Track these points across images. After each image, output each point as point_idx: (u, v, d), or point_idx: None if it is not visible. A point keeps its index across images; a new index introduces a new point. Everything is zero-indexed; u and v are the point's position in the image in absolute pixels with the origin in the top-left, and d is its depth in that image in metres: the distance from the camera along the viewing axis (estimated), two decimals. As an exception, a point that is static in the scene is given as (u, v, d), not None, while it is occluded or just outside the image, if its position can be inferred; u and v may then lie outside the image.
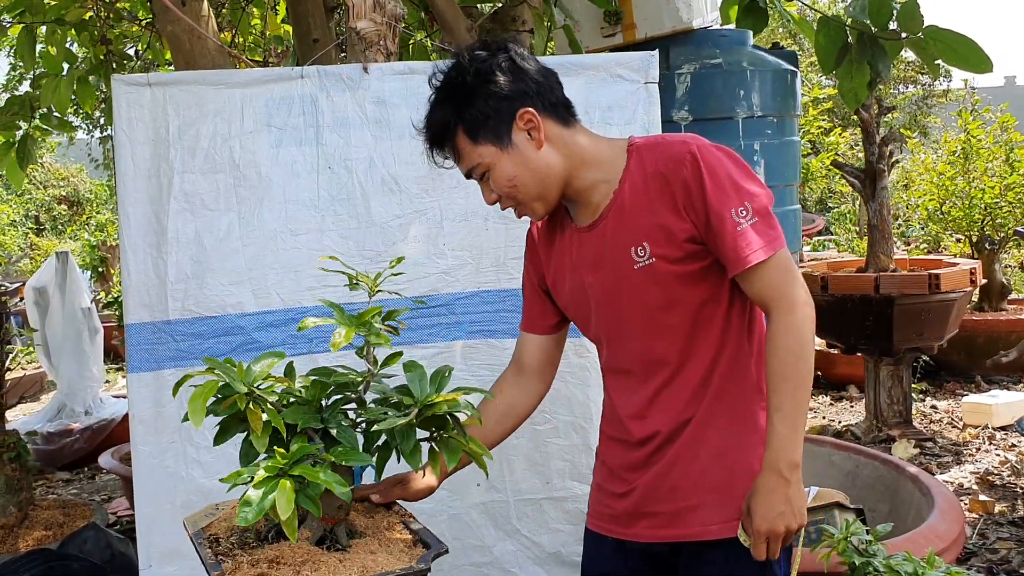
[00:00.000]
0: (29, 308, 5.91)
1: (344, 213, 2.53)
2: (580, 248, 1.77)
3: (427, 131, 1.73)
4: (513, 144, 1.66)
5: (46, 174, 15.96)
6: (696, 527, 1.73)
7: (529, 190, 1.69)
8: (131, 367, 2.47)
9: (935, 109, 16.05)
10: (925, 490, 3.09)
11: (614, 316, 1.75)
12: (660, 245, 1.66)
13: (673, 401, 1.73)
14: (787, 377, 1.60)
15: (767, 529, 1.59)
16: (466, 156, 1.69)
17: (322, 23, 3.79)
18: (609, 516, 1.85)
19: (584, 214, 1.76)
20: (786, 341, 1.61)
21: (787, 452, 1.59)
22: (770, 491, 1.59)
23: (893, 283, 4.89)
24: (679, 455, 1.73)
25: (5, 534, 3.43)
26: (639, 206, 1.67)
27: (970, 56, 2.87)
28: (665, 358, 1.72)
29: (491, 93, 1.64)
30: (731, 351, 1.72)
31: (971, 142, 7.30)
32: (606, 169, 1.72)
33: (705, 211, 1.61)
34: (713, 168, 1.62)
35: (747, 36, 4.22)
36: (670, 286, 1.68)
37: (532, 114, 1.66)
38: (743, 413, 1.74)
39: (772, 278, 1.62)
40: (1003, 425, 5.32)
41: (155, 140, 2.46)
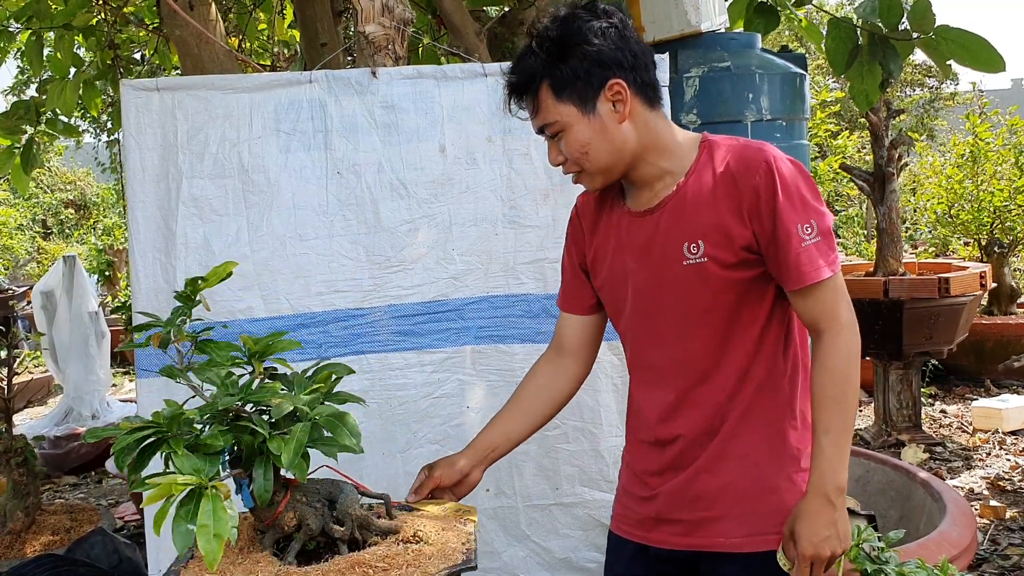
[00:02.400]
0: (36, 312, 5.93)
1: (353, 218, 2.52)
2: (630, 232, 1.73)
3: (512, 76, 1.69)
4: (596, 111, 1.63)
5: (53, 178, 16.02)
6: (717, 538, 1.71)
7: (599, 161, 1.66)
8: (140, 372, 2.47)
9: (942, 112, 16.01)
10: (936, 495, 3.07)
11: (651, 308, 1.72)
12: (715, 246, 1.63)
13: (700, 406, 1.71)
14: (836, 399, 1.60)
15: (812, 554, 1.58)
16: (545, 111, 1.65)
17: (330, 27, 3.79)
18: (632, 520, 1.83)
19: (641, 199, 1.73)
20: (836, 362, 1.60)
21: (835, 475, 1.58)
22: (816, 515, 1.58)
23: (902, 287, 4.86)
24: (705, 464, 1.71)
25: (12, 539, 3.42)
26: (702, 203, 1.65)
27: (982, 55, 2.85)
28: (697, 361, 1.70)
29: (587, 54, 1.60)
30: (765, 365, 1.69)
31: (979, 145, 7.27)
32: (675, 160, 1.69)
33: (772, 223, 1.59)
34: (786, 181, 1.60)
35: (755, 39, 4.20)
36: (715, 289, 1.65)
37: (622, 86, 1.62)
38: (774, 429, 1.71)
39: (827, 298, 1.62)
40: (1014, 430, 5.30)
41: (164, 145, 2.46)
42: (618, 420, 2.58)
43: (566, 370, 1.91)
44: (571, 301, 1.91)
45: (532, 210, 2.56)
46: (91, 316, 5.82)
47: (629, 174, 1.71)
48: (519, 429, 1.88)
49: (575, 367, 1.91)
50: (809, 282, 1.59)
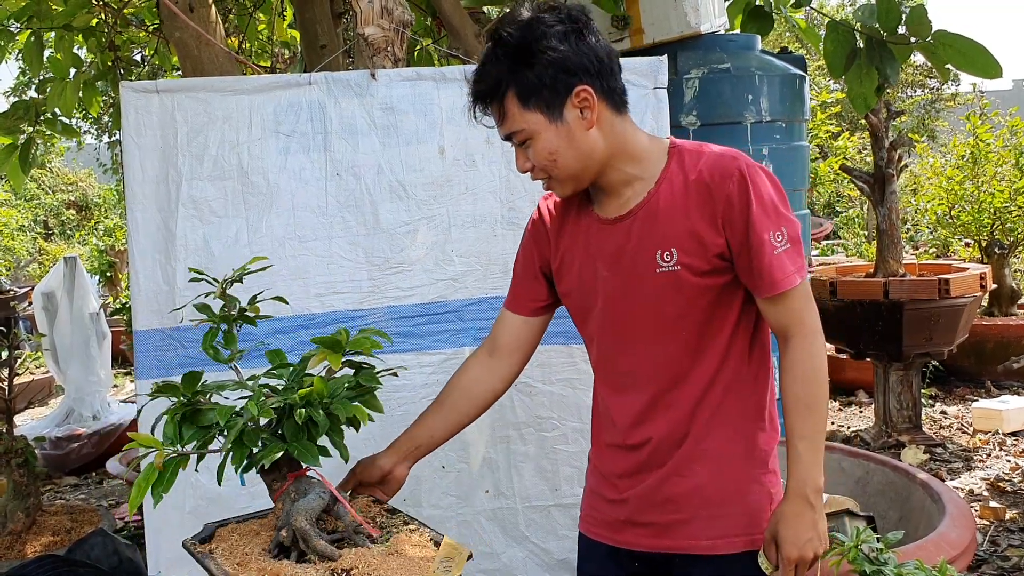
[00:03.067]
0: (37, 313, 5.93)
1: (352, 220, 2.53)
2: (600, 239, 1.73)
3: (476, 85, 1.66)
4: (563, 119, 1.61)
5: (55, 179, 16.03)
6: (686, 540, 1.72)
7: (567, 168, 1.65)
8: (139, 373, 2.47)
9: (943, 113, 16.00)
10: (936, 496, 3.07)
11: (623, 315, 1.72)
12: (689, 254, 1.64)
13: (670, 410, 1.71)
14: (809, 404, 1.61)
15: (797, 556, 1.59)
16: (511, 119, 1.63)
17: (329, 29, 3.79)
18: (602, 522, 1.84)
19: (611, 206, 1.72)
20: (806, 368, 1.62)
21: (813, 478, 1.60)
22: (798, 517, 1.60)
23: (902, 288, 4.86)
24: (675, 468, 1.72)
25: (13, 540, 3.42)
26: (674, 211, 1.65)
27: (979, 60, 2.86)
28: (670, 366, 1.70)
29: (552, 61, 1.58)
30: (732, 370, 1.71)
31: (980, 146, 7.27)
32: (644, 166, 1.69)
33: (745, 230, 1.60)
34: (759, 189, 1.61)
35: (755, 41, 4.21)
36: (688, 296, 1.66)
37: (589, 92, 1.60)
38: (742, 432, 1.72)
39: (796, 305, 1.63)
40: (1014, 431, 5.30)
41: (163, 147, 2.47)
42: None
43: (497, 371, 1.89)
44: (520, 301, 1.89)
45: (530, 212, 2.56)
46: (92, 317, 5.83)
47: (598, 180, 1.70)
48: (444, 427, 1.87)
49: (507, 368, 1.90)
50: (781, 289, 1.61)
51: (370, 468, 1.82)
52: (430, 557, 1.55)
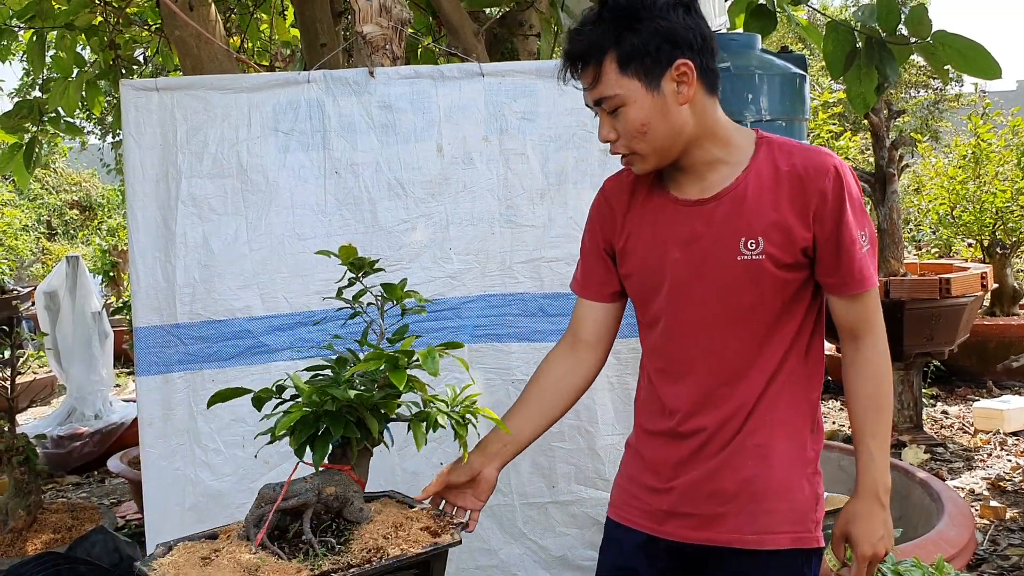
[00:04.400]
0: (40, 312, 5.94)
1: (351, 218, 2.53)
2: (675, 221, 1.69)
3: (574, 44, 1.62)
4: (660, 90, 1.57)
5: (58, 179, 16.05)
6: (730, 533, 1.69)
7: (656, 141, 1.61)
8: (140, 370, 2.48)
9: (946, 113, 15.98)
10: (935, 496, 3.08)
11: (690, 301, 1.68)
12: (774, 245, 1.61)
13: (728, 403, 1.68)
14: (880, 403, 1.64)
15: (872, 554, 1.63)
16: (606, 83, 1.59)
17: (330, 28, 3.80)
18: (641, 511, 1.79)
19: (691, 187, 1.68)
20: (877, 368, 1.65)
21: (883, 477, 1.64)
22: (871, 516, 1.63)
23: (903, 287, 4.86)
24: (726, 460, 1.69)
25: (14, 537, 3.44)
26: (764, 200, 1.62)
27: (979, 61, 2.85)
28: (732, 358, 1.67)
29: (659, 30, 1.55)
30: (791, 368, 1.69)
31: (982, 146, 7.27)
32: (731, 151, 1.66)
33: (837, 227, 1.59)
34: (851, 188, 1.61)
35: (755, 40, 4.21)
36: (763, 288, 1.63)
37: (689, 67, 1.57)
38: (794, 431, 1.70)
39: (870, 305, 1.65)
40: (1015, 430, 5.29)
41: (163, 145, 2.48)
42: (614, 419, 2.59)
43: (583, 362, 1.85)
44: (592, 287, 1.84)
45: (529, 210, 2.57)
46: (94, 316, 5.84)
47: (680, 160, 1.66)
48: (532, 426, 1.83)
49: (592, 358, 1.85)
50: (867, 288, 1.63)
51: (459, 470, 1.77)
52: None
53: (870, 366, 1.64)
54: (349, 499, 1.64)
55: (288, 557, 1.52)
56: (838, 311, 1.67)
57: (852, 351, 1.66)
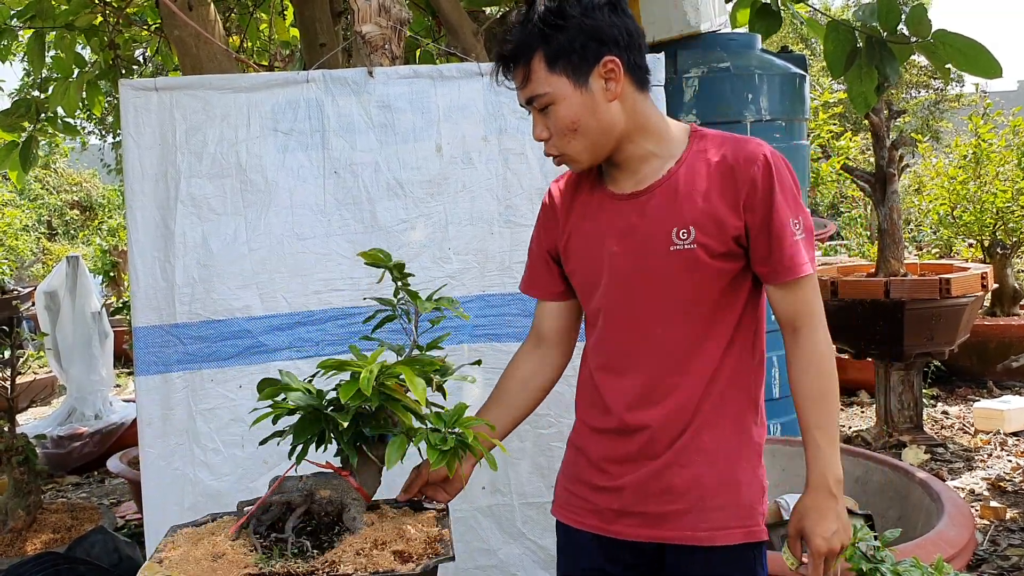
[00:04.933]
0: (40, 312, 5.94)
1: (350, 217, 2.53)
2: (611, 215, 1.72)
3: (504, 45, 1.65)
4: (588, 86, 1.60)
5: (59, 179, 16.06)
6: (683, 531, 1.70)
7: (587, 137, 1.64)
8: (139, 370, 2.48)
9: (947, 114, 15.98)
10: (935, 496, 3.07)
11: (630, 293, 1.70)
12: (706, 234, 1.63)
13: (672, 396, 1.70)
14: (824, 394, 1.62)
15: (827, 549, 1.59)
16: (536, 82, 1.62)
17: (329, 28, 3.80)
18: (589, 510, 1.80)
19: (626, 182, 1.71)
20: (818, 358, 1.63)
21: (833, 469, 1.61)
22: (823, 510, 1.60)
23: (904, 288, 4.86)
24: (674, 458, 1.70)
25: (13, 537, 3.44)
26: (695, 190, 1.64)
27: (980, 60, 2.86)
28: (673, 349, 1.69)
29: (586, 28, 1.58)
30: (735, 359, 1.70)
31: (982, 146, 7.26)
32: (663, 144, 1.69)
33: (768, 215, 1.60)
34: (782, 176, 1.62)
35: (755, 40, 4.21)
36: (698, 278, 1.65)
37: (616, 64, 1.60)
38: (740, 424, 1.72)
39: (808, 295, 1.64)
40: (1015, 431, 5.29)
41: (162, 144, 2.48)
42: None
43: (547, 359, 1.89)
44: (536, 287, 1.90)
45: (528, 209, 2.57)
46: (94, 316, 5.84)
47: (614, 155, 1.69)
48: (504, 424, 1.86)
49: (556, 356, 1.89)
50: (799, 275, 1.61)
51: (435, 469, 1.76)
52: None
53: (811, 358, 1.63)
54: (346, 505, 1.63)
55: (263, 551, 1.52)
56: (774, 301, 1.67)
57: (792, 344, 1.66)
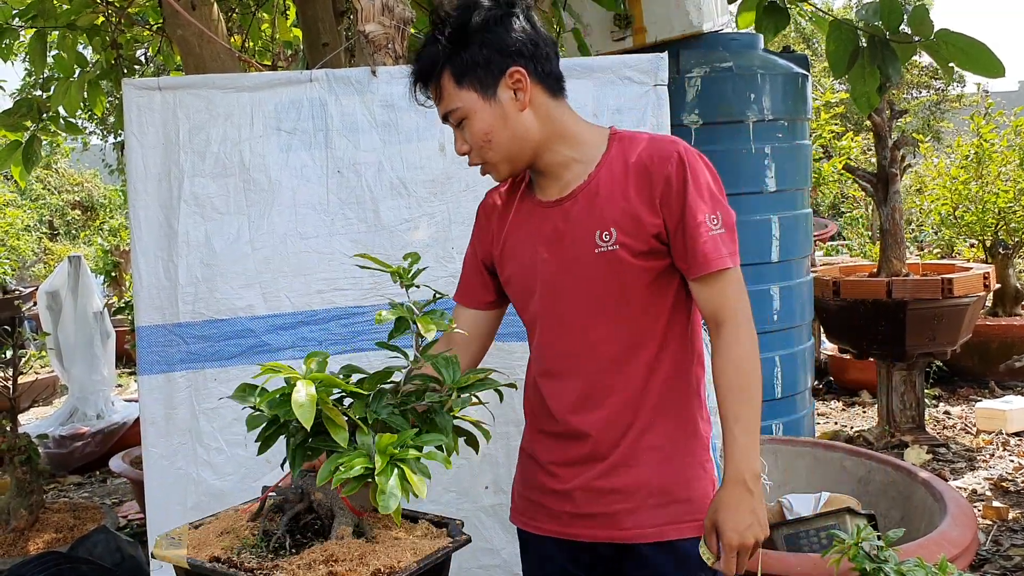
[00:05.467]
0: (42, 312, 5.95)
1: (353, 217, 2.53)
2: (540, 222, 1.75)
3: (415, 64, 1.71)
4: (497, 98, 1.65)
5: (60, 179, 16.06)
6: (633, 529, 1.72)
7: (502, 148, 1.69)
8: (142, 369, 2.48)
9: (948, 114, 15.97)
10: (937, 496, 3.06)
11: (560, 297, 1.73)
12: (627, 234, 1.66)
13: (611, 397, 1.72)
14: (744, 388, 1.62)
15: (739, 543, 1.58)
16: (447, 98, 1.68)
17: (332, 27, 3.80)
18: (545, 515, 1.82)
19: (551, 189, 1.75)
20: (739, 352, 1.63)
21: (750, 463, 1.60)
22: (737, 504, 1.58)
23: (905, 288, 4.86)
24: (620, 459, 1.72)
25: (16, 537, 3.44)
26: (614, 193, 1.68)
27: (982, 59, 2.86)
28: (606, 350, 1.71)
29: (488, 42, 1.64)
30: (673, 356, 1.72)
31: (984, 146, 7.26)
32: (583, 150, 1.72)
33: (681, 210, 1.63)
34: (696, 172, 1.64)
35: (757, 40, 4.21)
36: (625, 277, 1.68)
37: (522, 74, 1.65)
38: (684, 419, 1.74)
39: (729, 288, 1.65)
40: (1017, 431, 5.29)
41: (165, 144, 2.47)
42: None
43: None
44: (468, 295, 1.93)
45: (531, 209, 2.56)
46: (96, 316, 5.84)
47: (536, 163, 1.73)
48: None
49: (464, 359, 1.89)
50: (713, 268, 1.63)
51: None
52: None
53: (731, 352, 1.63)
54: (335, 512, 1.64)
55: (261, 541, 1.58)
56: (696, 297, 1.69)
57: (716, 339, 1.67)
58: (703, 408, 1.76)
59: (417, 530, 1.69)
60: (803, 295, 4.29)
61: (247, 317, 2.51)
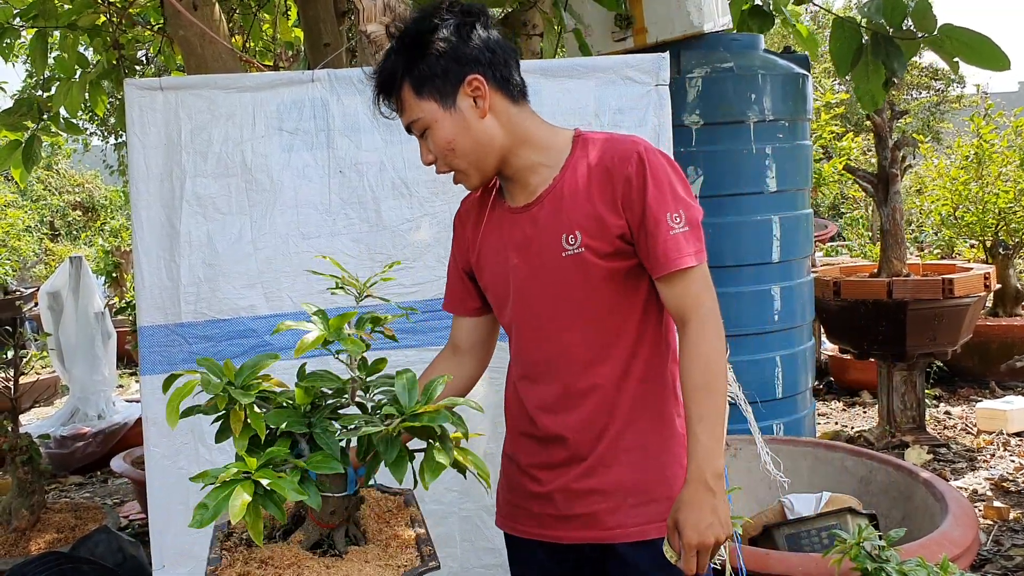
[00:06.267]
0: (43, 313, 5.95)
1: (355, 216, 2.53)
2: (511, 228, 1.76)
3: (376, 78, 1.73)
4: (456, 107, 1.66)
5: (61, 180, 16.07)
6: (615, 529, 1.72)
7: (466, 156, 1.69)
8: (144, 369, 2.48)
9: (948, 115, 15.97)
10: (938, 495, 3.06)
11: (532, 302, 1.74)
12: (592, 236, 1.67)
13: (587, 399, 1.72)
14: (708, 386, 1.61)
15: (698, 542, 1.56)
16: (408, 109, 1.69)
17: (333, 28, 3.80)
18: (529, 518, 1.82)
19: (519, 195, 1.76)
20: (705, 350, 1.62)
21: (712, 462, 1.58)
22: (698, 503, 1.57)
23: (906, 288, 4.85)
24: (599, 460, 1.73)
25: (17, 537, 3.44)
26: (578, 195, 1.68)
27: (987, 53, 2.85)
28: (579, 353, 1.72)
29: (444, 52, 1.65)
30: (647, 355, 1.72)
31: (984, 147, 7.26)
32: (548, 153, 1.73)
33: (642, 210, 1.63)
34: (656, 171, 1.64)
35: (758, 40, 4.21)
36: (592, 280, 1.68)
37: (480, 82, 1.66)
38: (661, 417, 1.74)
39: (693, 286, 1.64)
40: (1018, 431, 5.28)
41: (167, 144, 2.48)
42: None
43: (463, 368, 1.92)
44: (455, 303, 1.94)
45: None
46: (97, 317, 5.84)
47: (503, 170, 1.74)
48: None
49: (471, 366, 1.93)
50: (675, 268, 1.62)
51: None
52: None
53: (694, 349, 1.62)
54: None
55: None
56: (662, 295, 1.69)
57: (682, 336, 1.66)
58: (680, 405, 1.75)
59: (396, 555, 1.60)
60: (804, 295, 4.29)
61: (249, 317, 2.51)
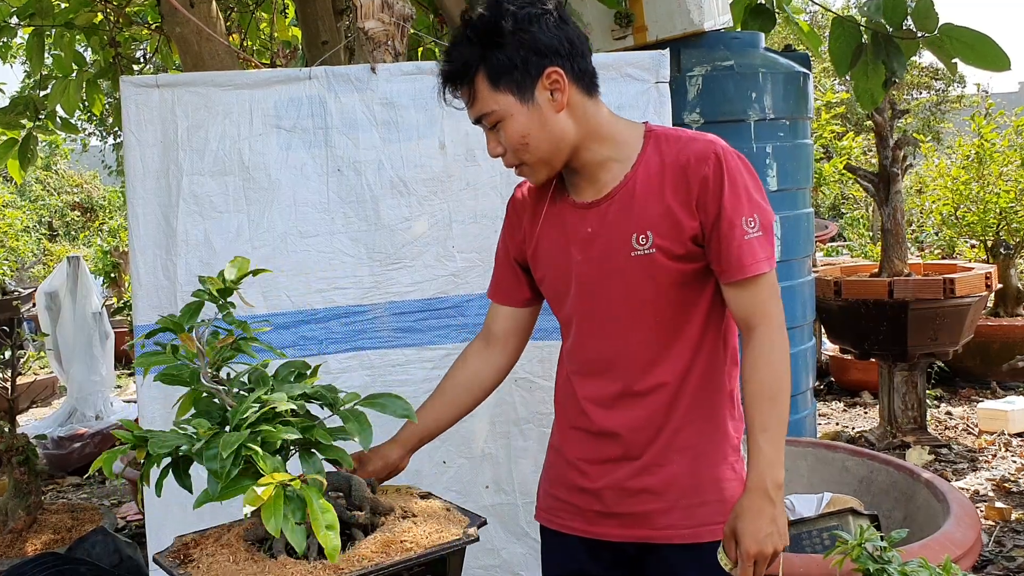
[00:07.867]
0: (40, 313, 5.93)
1: (353, 215, 2.52)
2: (577, 223, 1.72)
3: (446, 66, 1.65)
4: (534, 100, 1.60)
5: (60, 180, 16.05)
6: (665, 530, 1.71)
7: (539, 151, 1.64)
8: (139, 371, 2.46)
9: (948, 115, 15.96)
10: (940, 496, 3.05)
11: (596, 300, 1.71)
12: (664, 237, 1.63)
13: (645, 398, 1.70)
14: (773, 396, 1.59)
15: (756, 551, 1.55)
16: (481, 101, 1.63)
17: (331, 25, 3.79)
18: (573, 513, 1.80)
19: (588, 190, 1.72)
20: (770, 359, 1.60)
21: (774, 472, 1.57)
22: (758, 513, 1.56)
23: (907, 288, 4.84)
24: (653, 458, 1.71)
25: (14, 538, 3.42)
26: (651, 194, 1.64)
27: (987, 53, 2.83)
28: (641, 352, 1.69)
29: (524, 43, 1.58)
30: (706, 359, 1.70)
31: (985, 146, 7.25)
32: (620, 149, 1.68)
33: (717, 212, 1.60)
34: (733, 173, 1.61)
35: (759, 38, 4.19)
36: (660, 281, 1.65)
37: (560, 74, 1.60)
38: (715, 420, 1.72)
39: (763, 293, 1.62)
40: (1020, 431, 5.27)
41: (164, 142, 2.46)
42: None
43: (496, 359, 1.90)
44: (503, 293, 1.90)
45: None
46: (95, 317, 5.82)
47: (571, 163, 1.69)
48: (447, 419, 1.89)
49: (503, 358, 1.91)
50: (748, 274, 1.60)
51: (379, 462, 1.81)
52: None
53: (762, 358, 1.60)
54: None
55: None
56: (729, 300, 1.66)
57: (747, 342, 1.64)
58: (735, 408, 1.74)
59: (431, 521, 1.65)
60: (805, 295, 4.27)
61: (246, 316, 2.49)
